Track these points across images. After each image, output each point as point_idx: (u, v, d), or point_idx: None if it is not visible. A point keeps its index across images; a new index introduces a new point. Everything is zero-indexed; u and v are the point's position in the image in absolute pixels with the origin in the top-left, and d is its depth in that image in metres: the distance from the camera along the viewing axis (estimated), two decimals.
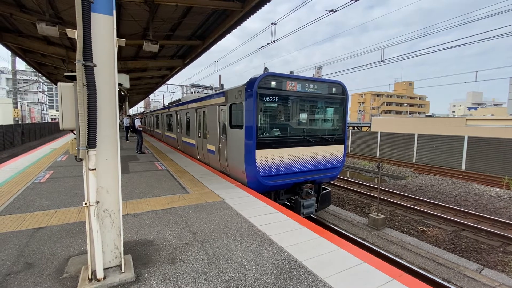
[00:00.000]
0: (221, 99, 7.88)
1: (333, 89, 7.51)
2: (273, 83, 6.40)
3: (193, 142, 11.16)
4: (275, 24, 11.56)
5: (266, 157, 6.38)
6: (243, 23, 8.52)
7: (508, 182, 13.22)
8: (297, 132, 7.10)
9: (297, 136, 7.03)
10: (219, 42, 10.46)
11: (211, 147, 8.84)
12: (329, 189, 8.35)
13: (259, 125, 6.26)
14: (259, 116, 6.26)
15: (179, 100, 15.03)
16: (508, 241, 7.23)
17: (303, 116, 7.26)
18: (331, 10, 9.36)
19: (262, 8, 7.58)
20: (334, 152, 7.66)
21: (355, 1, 8.30)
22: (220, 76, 31.35)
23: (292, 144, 6.82)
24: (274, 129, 6.64)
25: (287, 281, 2.81)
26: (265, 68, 6.77)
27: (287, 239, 3.78)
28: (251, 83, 6.28)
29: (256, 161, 6.25)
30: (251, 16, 8.00)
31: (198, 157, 10.77)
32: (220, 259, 3.22)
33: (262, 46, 13.13)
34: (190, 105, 11.59)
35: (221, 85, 10.43)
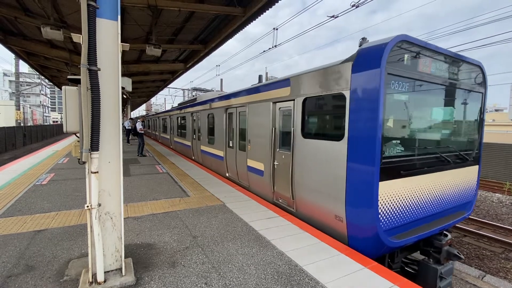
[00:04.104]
0: (282, 92, 5.30)
1: (472, 74, 4.79)
2: (406, 58, 3.72)
3: (220, 153, 8.55)
4: (277, 29, 11.66)
5: (394, 195, 3.70)
6: (245, 28, 8.61)
7: (509, 188, 13.16)
8: (433, 146, 4.38)
9: (433, 154, 4.28)
10: (221, 47, 10.55)
11: (257, 164, 6.29)
12: (449, 235, 4.76)
13: (384, 135, 3.51)
14: (384, 117, 3.50)
15: (195, 99, 12.49)
16: (510, 248, 7.17)
17: (440, 119, 4.55)
18: (332, 16, 9.45)
19: (264, 13, 7.67)
20: (468, 177, 4.97)
21: (356, 7, 8.39)
22: (221, 80, 31.49)
23: (428, 168, 4.13)
24: (402, 142, 3.91)
25: (287, 286, 2.80)
26: (363, 39, 4.11)
27: (288, 243, 3.77)
28: (370, 53, 3.58)
29: (380, 203, 3.54)
30: (253, 21, 8.09)
31: (227, 174, 8.22)
32: (220, 263, 3.21)
33: (264, 51, 13.22)
34: (215, 104, 8.91)
35: (259, 77, 8.02)
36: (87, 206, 2.54)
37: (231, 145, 7.85)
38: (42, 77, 24.46)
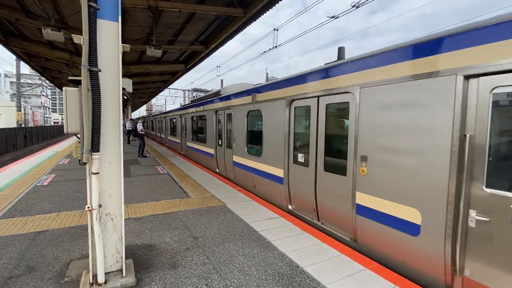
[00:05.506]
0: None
1: None
2: None
3: (275, 172, 5.61)
4: (277, 30, 11.67)
5: None
6: (245, 28, 8.62)
7: None
8: None
9: None
10: (221, 47, 10.57)
11: (391, 208, 3.22)
12: None
13: None
14: None
15: (219, 92, 9.52)
16: None
17: None
18: (333, 17, 9.44)
19: (264, 14, 7.67)
20: None
21: (356, 8, 8.38)
22: (222, 80, 31.54)
23: None
24: None
25: (288, 287, 2.79)
26: None
27: (289, 244, 3.76)
28: None
29: None
30: (254, 22, 8.09)
31: (290, 207, 5.27)
32: (221, 264, 3.21)
33: (264, 52, 13.23)
34: (265, 95, 5.96)
35: (339, 50, 4.93)
36: (88, 207, 2.54)
37: (301, 160, 4.91)
38: (43, 78, 24.53)
